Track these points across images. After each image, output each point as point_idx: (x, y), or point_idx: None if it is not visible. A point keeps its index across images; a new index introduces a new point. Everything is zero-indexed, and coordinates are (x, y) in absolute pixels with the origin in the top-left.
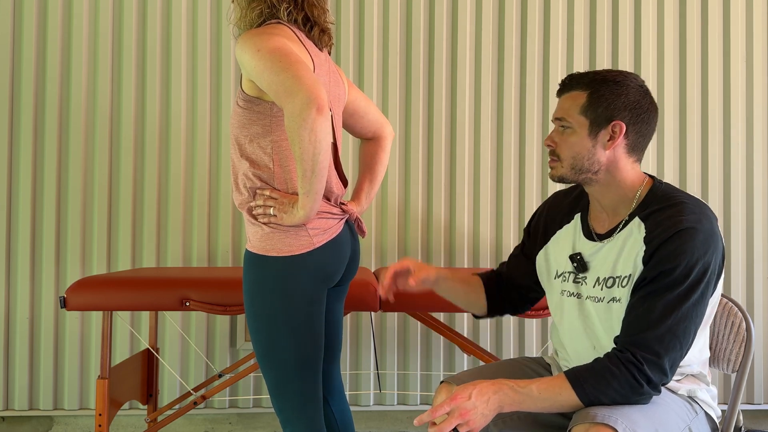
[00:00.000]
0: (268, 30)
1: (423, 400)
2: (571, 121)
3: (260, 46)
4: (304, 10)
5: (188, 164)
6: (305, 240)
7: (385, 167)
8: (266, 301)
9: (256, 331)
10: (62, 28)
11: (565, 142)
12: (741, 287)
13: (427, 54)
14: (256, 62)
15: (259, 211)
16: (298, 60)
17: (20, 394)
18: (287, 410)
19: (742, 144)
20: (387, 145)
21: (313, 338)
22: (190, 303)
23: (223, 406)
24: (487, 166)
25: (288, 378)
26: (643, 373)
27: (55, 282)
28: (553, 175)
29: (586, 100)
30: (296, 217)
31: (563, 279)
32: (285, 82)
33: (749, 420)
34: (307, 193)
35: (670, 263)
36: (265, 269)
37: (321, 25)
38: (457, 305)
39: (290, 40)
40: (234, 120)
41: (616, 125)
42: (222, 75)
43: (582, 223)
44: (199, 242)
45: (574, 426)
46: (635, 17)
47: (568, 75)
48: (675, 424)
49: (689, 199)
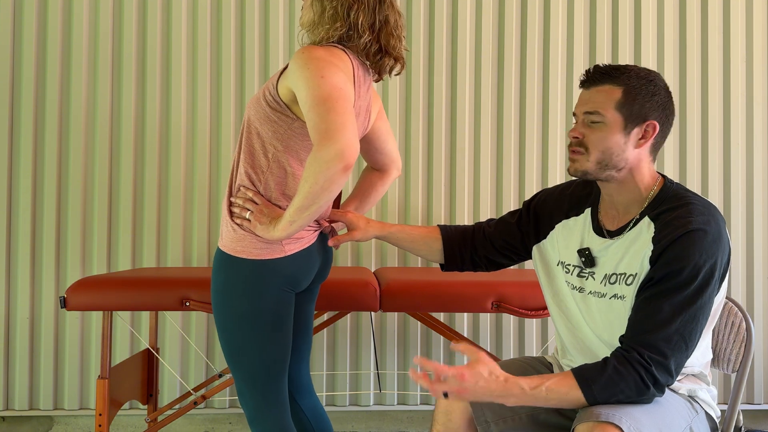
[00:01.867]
0: (334, 56)
1: (423, 400)
2: (606, 115)
3: (325, 74)
4: (380, 42)
5: (188, 164)
6: (277, 247)
7: (377, 200)
8: (235, 301)
9: (223, 330)
10: (62, 29)
11: (595, 135)
12: (741, 287)
13: (427, 54)
14: (313, 86)
15: (236, 209)
16: (350, 109)
17: (20, 394)
18: (254, 410)
19: (742, 144)
20: (389, 181)
21: (281, 340)
22: (190, 303)
23: (223, 406)
24: (487, 166)
25: (255, 378)
26: (650, 374)
27: (55, 282)
28: (576, 169)
29: (621, 96)
30: (269, 235)
31: (566, 270)
32: (330, 125)
33: (749, 420)
34: (291, 223)
35: (678, 264)
36: (234, 270)
37: (394, 55)
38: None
39: (348, 77)
40: (253, 107)
41: (650, 125)
42: (222, 75)
43: (593, 219)
44: (199, 242)
45: (578, 424)
46: (635, 17)
47: (595, 66)
48: (677, 423)
49: (698, 200)
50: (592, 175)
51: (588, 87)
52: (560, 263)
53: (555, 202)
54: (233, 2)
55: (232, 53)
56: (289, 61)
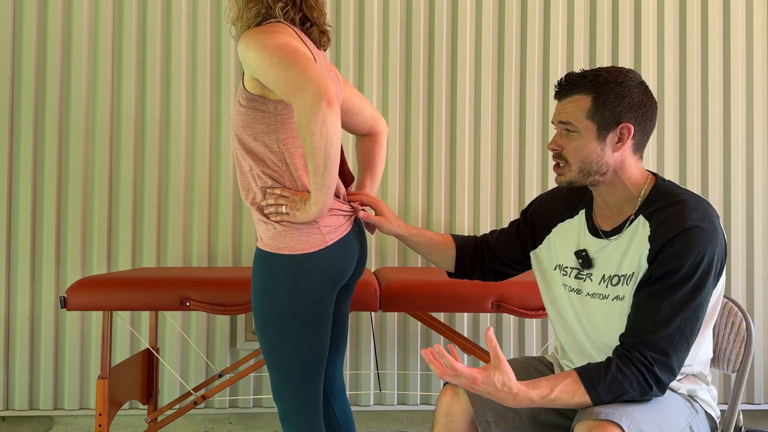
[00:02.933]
0: (270, 28)
1: (423, 400)
2: (578, 125)
3: (266, 43)
4: (302, 11)
5: (188, 164)
6: (318, 238)
7: (383, 162)
8: (276, 299)
9: (263, 329)
10: (62, 29)
11: (571, 145)
12: (741, 287)
13: (427, 54)
14: (262, 59)
15: (271, 210)
16: (305, 56)
17: (20, 394)
18: (289, 408)
19: (742, 144)
20: (383, 139)
21: (319, 338)
22: (190, 303)
23: (223, 406)
24: (487, 166)
25: (292, 377)
26: (653, 374)
27: (55, 282)
28: (562, 181)
29: (591, 104)
30: (309, 213)
31: (564, 273)
32: (293, 78)
33: (749, 420)
34: (320, 188)
35: (675, 262)
36: (276, 267)
37: (320, 27)
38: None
39: (293, 38)
40: (236, 119)
41: (624, 128)
42: (222, 75)
43: (587, 220)
44: (199, 242)
45: (578, 423)
46: (635, 17)
47: (566, 76)
48: (677, 422)
49: (691, 197)
50: (578, 182)
51: (560, 98)
52: (558, 266)
53: (550, 206)
54: None
55: (232, 53)
56: None
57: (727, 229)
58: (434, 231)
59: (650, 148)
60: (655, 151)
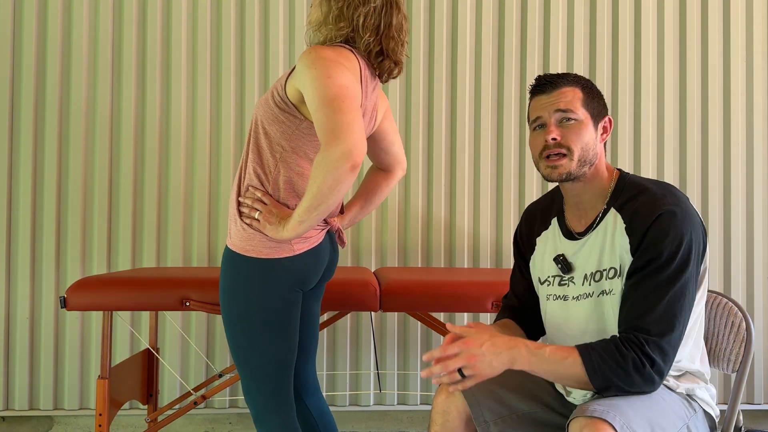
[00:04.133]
0: (341, 56)
1: (423, 400)
2: (578, 113)
3: (331, 74)
4: (381, 44)
5: (188, 164)
6: (286, 246)
7: (381, 200)
8: (243, 300)
9: (231, 329)
10: (62, 29)
11: (572, 133)
12: (741, 287)
13: (427, 54)
14: (320, 86)
15: (245, 209)
16: (357, 108)
17: (20, 394)
18: (260, 409)
19: (742, 144)
20: (393, 182)
21: (287, 339)
22: (190, 303)
23: (223, 406)
24: (487, 166)
25: (262, 377)
26: (645, 354)
27: (55, 282)
28: (561, 173)
29: (583, 94)
30: (279, 235)
31: (548, 284)
32: (337, 124)
33: (749, 420)
34: (300, 223)
35: (655, 249)
36: (243, 269)
37: (394, 59)
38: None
39: (355, 77)
40: (262, 106)
41: (608, 119)
42: (222, 75)
43: (560, 226)
44: (199, 242)
45: (571, 420)
46: (635, 17)
47: (543, 76)
48: (672, 422)
49: (657, 184)
50: (573, 175)
51: (549, 91)
52: (541, 281)
53: (528, 227)
54: (233, 2)
55: (232, 53)
56: (294, 63)
57: (728, 230)
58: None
59: (650, 149)
60: (655, 151)
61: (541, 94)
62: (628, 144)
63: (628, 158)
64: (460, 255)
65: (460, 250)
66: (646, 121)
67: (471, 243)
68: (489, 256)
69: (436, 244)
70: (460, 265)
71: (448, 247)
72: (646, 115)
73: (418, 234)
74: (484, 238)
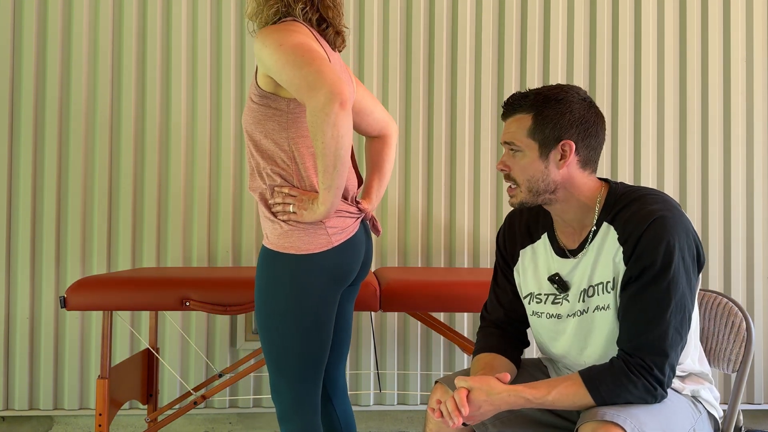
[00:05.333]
0: (287, 27)
1: (423, 400)
2: (520, 144)
3: (282, 41)
4: (319, 12)
5: (188, 164)
6: (324, 239)
7: (392, 164)
8: (280, 298)
9: (265, 328)
10: (62, 29)
11: (517, 165)
12: (741, 287)
13: (427, 54)
14: (277, 57)
15: (278, 209)
16: (320, 56)
17: (20, 394)
18: (287, 408)
19: (742, 144)
20: (393, 142)
21: (321, 339)
22: (190, 303)
23: (223, 406)
24: (487, 166)
25: (292, 375)
26: (654, 377)
27: (55, 282)
28: (514, 203)
29: (531, 123)
30: (317, 213)
31: (538, 301)
32: (307, 77)
33: (749, 420)
34: (328, 188)
35: (649, 257)
36: (281, 266)
37: (336, 27)
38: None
39: (309, 38)
40: (248, 116)
41: (566, 144)
42: (222, 75)
43: (551, 242)
44: (199, 242)
45: (581, 424)
46: (635, 17)
47: (511, 96)
48: (681, 425)
49: (647, 191)
50: (529, 203)
51: (504, 118)
52: (530, 295)
53: (511, 236)
54: (233, 2)
55: (232, 53)
56: None
57: (728, 230)
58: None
59: (650, 149)
60: (655, 151)
61: (503, 119)
62: (628, 143)
63: (628, 158)
64: (460, 255)
65: (460, 250)
66: (646, 122)
67: (471, 243)
68: (489, 256)
69: (436, 244)
70: (460, 265)
71: (448, 247)
72: (646, 115)
73: (418, 234)
74: (484, 238)
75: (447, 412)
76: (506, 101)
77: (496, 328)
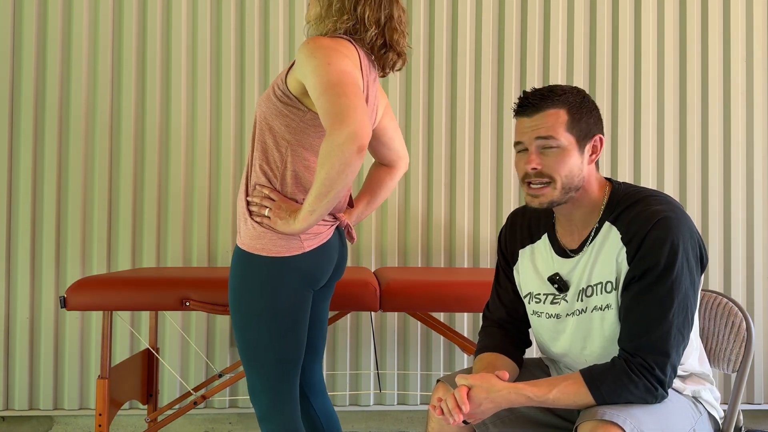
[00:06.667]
0: (341, 47)
1: (423, 400)
2: (561, 138)
3: (332, 61)
4: (384, 36)
5: (188, 164)
6: (296, 243)
7: (387, 195)
8: (252, 298)
9: (240, 328)
10: (62, 29)
11: (554, 160)
12: (741, 287)
13: (427, 54)
14: (322, 73)
15: (254, 208)
16: (360, 93)
17: (20, 394)
18: (265, 408)
19: (742, 144)
20: (397, 176)
21: (296, 339)
22: (190, 303)
23: (223, 406)
24: (487, 166)
25: (268, 376)
26: (655, 377)
27: (55, 282)
28: (542, 202)
29: (568, 117)
30: (290, 228)
31: (537, 300)
32: (341, 108)
33: (749, 420)
34: (311, 212)
35: (653, 257)
36: (253, 267)
37: (397, 50)
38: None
39: (354, 65)
40: (263, 104)
41: (597, 139)
42: (222, 75)
43: (552, 243)
44: (199, 242)
45: (581, 423)
46: (635, 17)
47: (527, 96)
48: (680, 425)
49: (650, 192)
50: (557, 203)
51: (530, 114)
52: (529, 294)
53: (512, 236)
54: (233, 2)
55: (232, 53)
56: (294, 56)
57: (728, 230)
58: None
59: (650, 150)
60: (655, 152)
61: (523, 116)
62: (628, 144)
63: (628, 158)
64: (460, 255)
65: (460, 250)
66: (646, 122)
67: (471, 243)
68: (489, 256)
69: (436, 244)
70: (460, 265)
71: (448, 247)
72: (646, 115)
73: (418, 234)
74: (484, 238)
75: (447, 410)
76: (528, 97)
77: (498, 328)
